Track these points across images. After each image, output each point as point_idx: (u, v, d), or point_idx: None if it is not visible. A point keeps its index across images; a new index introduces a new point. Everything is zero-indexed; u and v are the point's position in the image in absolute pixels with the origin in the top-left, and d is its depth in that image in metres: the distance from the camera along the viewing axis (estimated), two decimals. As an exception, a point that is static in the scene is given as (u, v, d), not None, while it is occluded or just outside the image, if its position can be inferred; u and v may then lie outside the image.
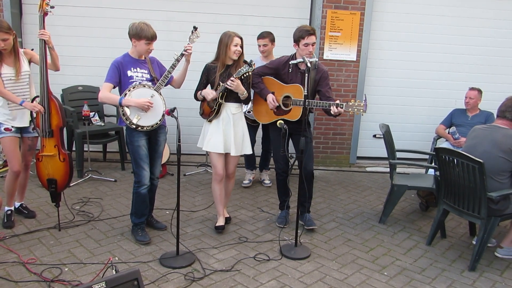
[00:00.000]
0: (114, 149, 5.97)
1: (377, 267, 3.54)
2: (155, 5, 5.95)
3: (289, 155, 4.03)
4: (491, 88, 6.24)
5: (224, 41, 3.75)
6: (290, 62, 3.90)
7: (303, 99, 3.64)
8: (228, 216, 4.22)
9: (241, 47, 3.77)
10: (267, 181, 5.47)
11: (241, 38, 3.77)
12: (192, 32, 3.69)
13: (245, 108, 4.72)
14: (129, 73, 3.60)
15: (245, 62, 3.72)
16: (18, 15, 5.84)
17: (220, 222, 4.04)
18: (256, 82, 4.00)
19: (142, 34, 3.50)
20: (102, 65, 5.92)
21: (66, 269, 3.26)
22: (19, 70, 3.73)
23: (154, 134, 3.75)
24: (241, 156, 4.08)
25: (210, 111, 3.83)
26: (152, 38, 3.55)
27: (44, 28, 3.62)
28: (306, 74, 3.56)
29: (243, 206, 4.71)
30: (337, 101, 3.71)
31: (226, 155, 3.92)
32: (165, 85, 3.69)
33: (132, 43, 3.59)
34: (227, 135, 3.84)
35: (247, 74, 3.71)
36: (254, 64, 3.73)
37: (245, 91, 3.77)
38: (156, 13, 5.89)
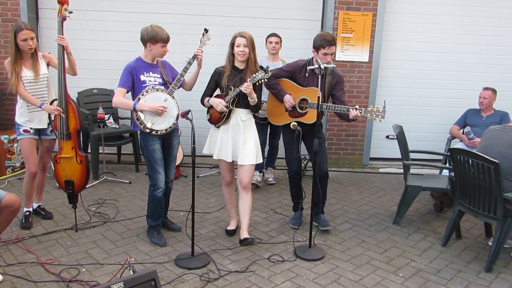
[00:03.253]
0: (129, 151, 6.03)
1: (392, 268, 3.54)
2: (169, 9, 6.00)
3: (302, 156, 4.04)
4: (505, 88, 6.19)
5: (230, 43, 3.65)
6: (308, 68, 3.91)
7: (319, 102, 3.65)
8: None
9: (248, 46, 3.56)
10: (271, 179, 5.51)
11: (245, 37, 3.55)
12: (203, 34, 3.71)
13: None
14: (142, 77, 3.62)
15: (261, 68, 3.57)
16: (35, 19, 5.95)
17: (232, 226, 4.03)
18: (272, 84, 4.01)
19: (158, 37, 3.54)
20: (116, 68, 5.96)
21: (83, 270, 3.31)
22: (37, 72, 3.80)
23: (168, 138, 3.78)
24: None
25: (219, 116, 3.68)
26: (167, 40, 3.60)
27: (62, 34, 3.69)
28: (319, 75, 3.57)
29: (257, 207, 4.72)
30: (356, 106, 3.73)
31: (239, 165, 3.75)
32: (177, 88, 3.73)
33: (147, 48, 3.61)
34: (236, 142, 3.69)
35: (262, 80, 3.53)
36: (270, 71, 3.54)
37: (255, 96, 3.59)
38: (170, 16, 5.95)
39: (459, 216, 3.90)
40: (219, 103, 3.62)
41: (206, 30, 3.72)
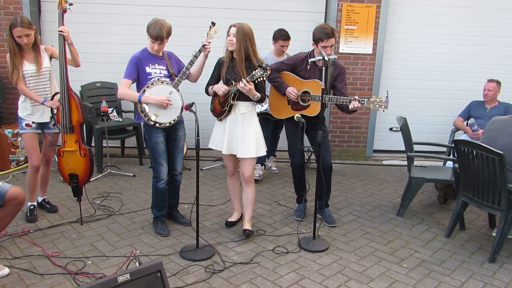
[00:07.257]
0: (132, 144, 6.05)
1: (396, 259, 3.55)
2: (173, 1, 5.98)
3: (306, 149, 4.03)
4: (510, 80, 6.16)
5: (226, 32, 3.59)
6: (309, 60, 3.89)
7: (323, 94, 3.65)
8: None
9: (237, 36, 3.46)
10: (274, 168, 5.72)
11: (236, 27, 3.47)
12: (210, 27, 3.68)
13: (264, 106, 4.72)
14: (148, 69, 3.63)
15: (260, 66, 3.45)
16: (37, 12, 5.93)
17: (232, 218, 4.07)
18: (274, 77, 3.99)
19: (148, 32, 3.55)
20: (120, 61, 5.95)
21: (89, 262, 3.33)
22: (40, 66, 3.79)
23: (173, 130, 3.78)
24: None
25: (221, 110, 3.68)
26: (156, 38, 3.52)
27: (63, 25, 3.67)
28: (324, 68, 3.56)
29: (260, 199, 4.73)
30: (355, 96, 3.72)
31: (240, 158, 3.74)
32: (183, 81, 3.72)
33: None
34: (233, 135, 3.67)
35: (260, 79, 3.43)
36: (270, 69, 3.45)
37: (257, 95, 3.52)
38: (174, 9, 5.93)
39: (463, 208, 3.90)
40: (221, 88, 3.60)
41: (213, 23, 3.69)
